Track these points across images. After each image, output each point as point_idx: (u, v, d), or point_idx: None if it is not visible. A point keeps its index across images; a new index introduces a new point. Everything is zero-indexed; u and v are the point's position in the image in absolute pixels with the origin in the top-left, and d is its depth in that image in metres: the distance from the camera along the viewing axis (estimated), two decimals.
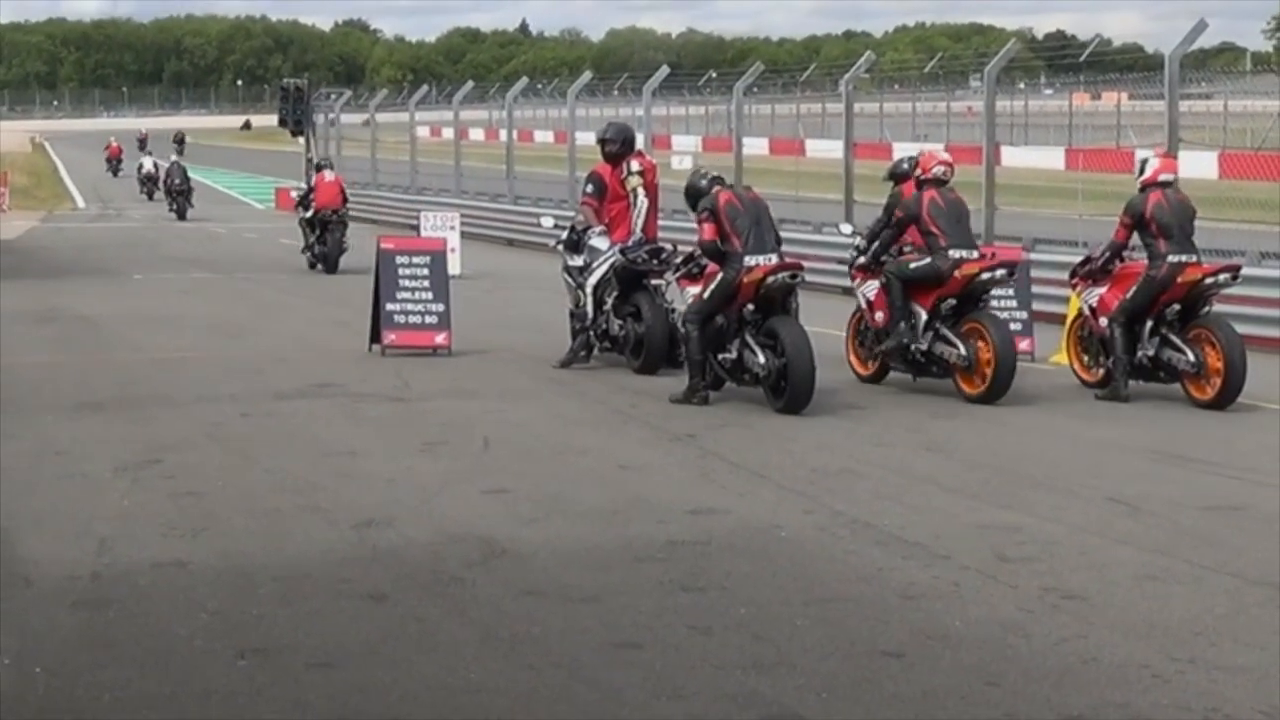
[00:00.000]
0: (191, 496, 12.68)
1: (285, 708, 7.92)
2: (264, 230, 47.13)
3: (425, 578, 10.30)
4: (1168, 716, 7.79)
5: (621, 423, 16.23)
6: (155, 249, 41.98)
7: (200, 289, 31.01)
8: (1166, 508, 12.37)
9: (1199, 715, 7.78)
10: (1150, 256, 17.36)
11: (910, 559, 10.78)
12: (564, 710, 7.89)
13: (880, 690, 8.15)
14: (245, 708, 7.93)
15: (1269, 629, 9.21)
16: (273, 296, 29.70)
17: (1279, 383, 17.77)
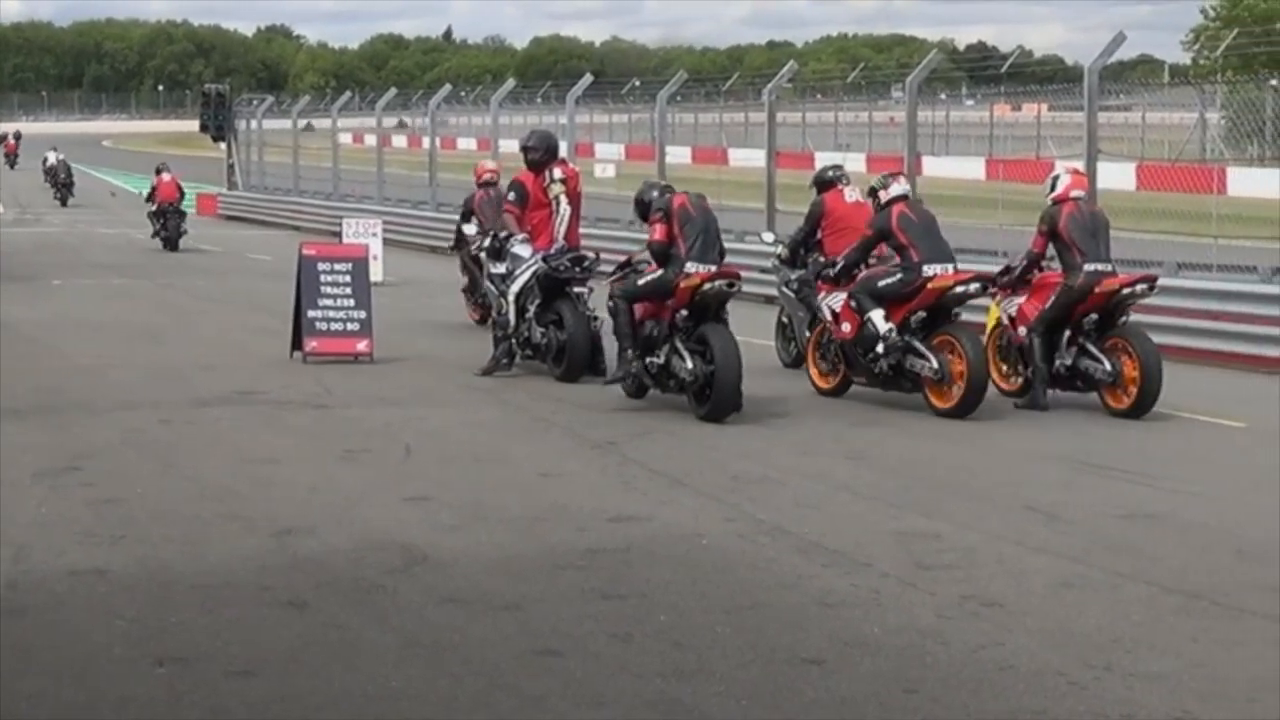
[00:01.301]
0: (110, 504, 12.62)
1: (204, 716, 7.89)
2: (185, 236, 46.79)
3: (346, 585, 10.28)
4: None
5: (543, 430, 16.24)
6: (75, 254, 41.71)
7: (121, 295, 30.83)
8: (1083, 516, 12.45)
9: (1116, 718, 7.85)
10: (1066, 267, 17.47)
11: (830, 566, 10.83)
12: (484, 717, 7.90)
13: (799, 697, 8.18)
14: (164, 716, 7.90)
15: (1184, 636, 9.29)
16: (194, 303, 29.55)
17: (1194, 392, 17.91)
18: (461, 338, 21.80)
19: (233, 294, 31.05)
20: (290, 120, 59.86)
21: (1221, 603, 10.00)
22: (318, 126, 59.71)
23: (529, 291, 19.46)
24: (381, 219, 37.08)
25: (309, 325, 20.94)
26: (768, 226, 27.41)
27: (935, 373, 17.07)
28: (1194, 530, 12.04)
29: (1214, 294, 21.98)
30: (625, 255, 18.89)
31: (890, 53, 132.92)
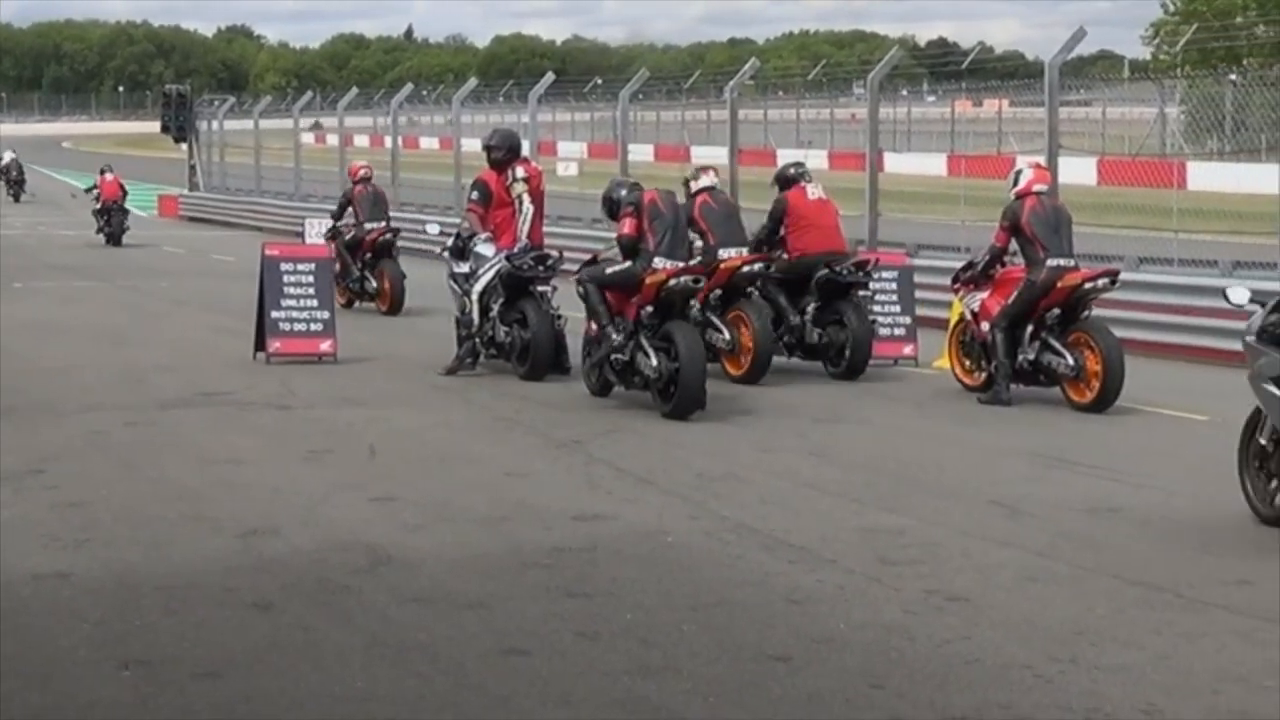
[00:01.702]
0: (74, 507, 12.56)
1: (171, 718, 7.88)
2: (147, 237, 46.69)
3: (311, 586, 10.27)
4: (1050, 716, 7.86)
5: (507, 429, 16.23)
6: (36, 256, 41.57)
7: (83, 297, 30.75)
8: (1047, 510, 12.48)
9: (1080, 715, 7.86)
10: (1029, 262, 17.51)
11: (795, 563, 10.84)
12: (451, 717, 7.90)
13: (766, 694, 8.19)
14: (129, 718, 7.89)
15: (1148, 629, 9.32)
16: (156, 304, 29.47)
17: (1157, 386, 17.97)
18: (425, 337, 21.78)
19: (195, 295, 30.96)
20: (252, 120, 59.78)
21: (1186, 595, 10.04)
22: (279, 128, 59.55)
23: (493, 290, 19.43)
24: None
25: (272, 326, 20.91)
26: None
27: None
28: (1157, 523, 12.07)
29: (1175, 288, 22.05)
30: (590, 254, 18.89)
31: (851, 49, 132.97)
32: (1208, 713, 7.91)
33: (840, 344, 19.23)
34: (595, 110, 62.02)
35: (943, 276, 20.13)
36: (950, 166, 58.36)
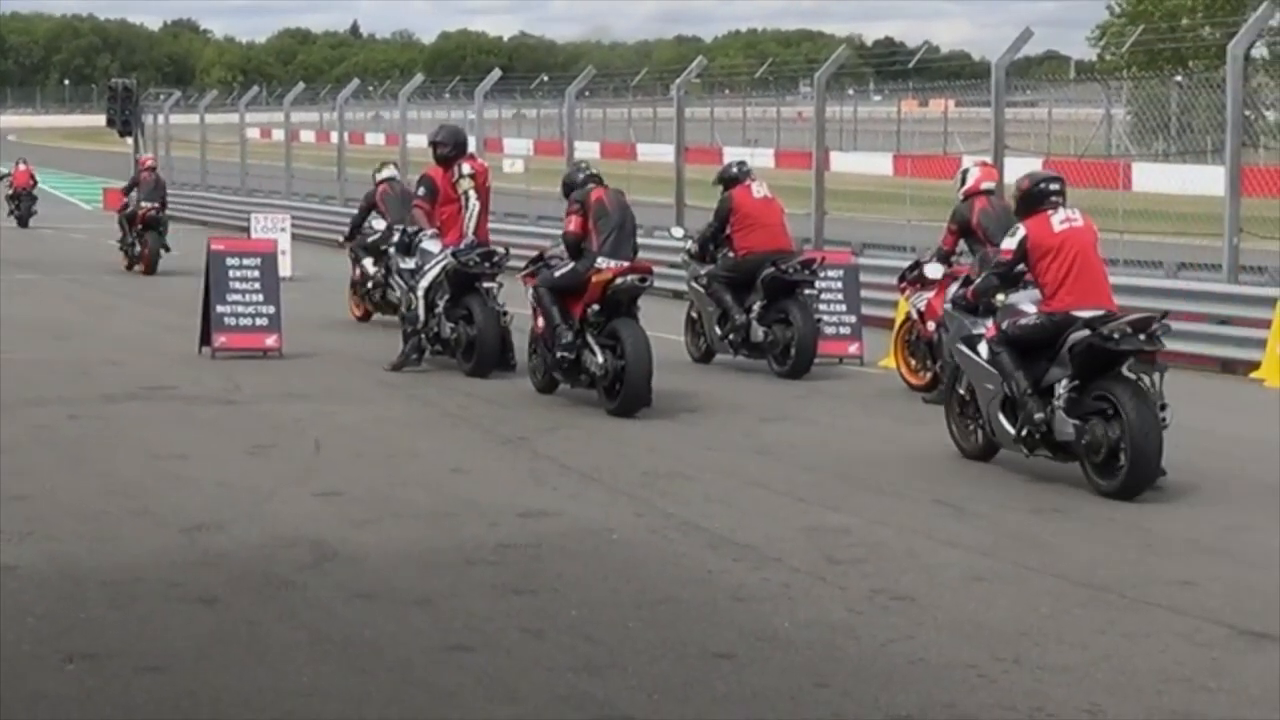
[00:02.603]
0: (18, 500, 12.51)
1: (114, 712, 7.86)
2: (91, 230, 46.56)
3: (256, 581, 10.25)
4: (993, 716, 7.89)
5: (452, 425, 16.23)
6: None
7: (26, 290, 30.55)
8: (992, 510, 12.54)
9: (1024, 714, 7.89)
10: (978, 265, 17.52)
11: (741, 561, 10.86)
12: (396, 713, 7.89)
13: (711, 691, 8.20)
14: (74, 712, 7.86)
15: (1090, 629, 9.37)
16: (101, 298, 29.40)
17: None
18: (371, 333, 21.77)
19: (140, 289, 30.89)
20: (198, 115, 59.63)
21: (1128, 595, 10.09)
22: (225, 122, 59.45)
23: (438, 287, 19.42)
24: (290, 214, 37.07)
25: (217, 320, 20.87)
26: (677, 221, 27.48)
27: None
28: (1100, 524, 12.12)
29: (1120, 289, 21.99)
30: (536, 250, 18.91)
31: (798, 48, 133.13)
32: (1150, 712, 7.95)
33: (786, 342, 19.26)
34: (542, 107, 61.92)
35: (888, 276, 20.21)
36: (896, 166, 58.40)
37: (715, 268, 19.79)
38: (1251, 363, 19.88)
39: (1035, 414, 13.49)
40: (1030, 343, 13.95)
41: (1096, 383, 13.38)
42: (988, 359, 14.21)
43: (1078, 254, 14.07)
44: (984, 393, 14.31)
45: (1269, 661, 8.80)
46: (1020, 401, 13.66)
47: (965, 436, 14.83)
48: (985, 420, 14.35)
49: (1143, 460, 12.84)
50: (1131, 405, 12.99)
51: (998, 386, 14.02)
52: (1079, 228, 14.37)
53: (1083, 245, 14.26)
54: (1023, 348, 13.97)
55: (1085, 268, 14.11)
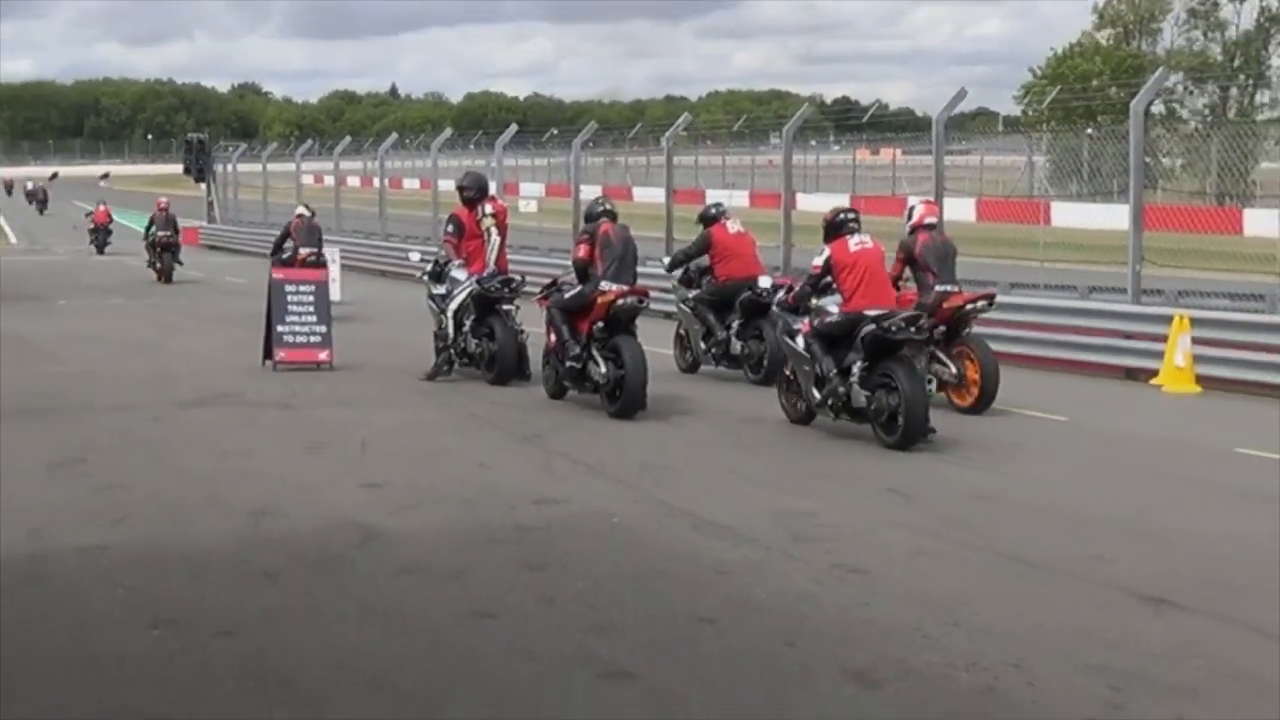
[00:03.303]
0: (110, 490, 12.55)
1: (193, 670, 7.87)
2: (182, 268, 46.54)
3: (312, 558, 10.26)
4: (935, 670, 7.90)
5: (477, 426, 16.21)
6: (76, 278, 41.34)
7: (115, 312, 30.60)
8: (934, 496, 12.53)
9: (961, 668, 7.90)
10: (920, 288, 17.58)
11: (721, 540, 10.85)
12: (431, 671, 7.89)
13: (697, 650, 8.21)
14: (158, 671, 7.87)
15: (1017, 596, 9.39)
16: (179, 319, 29.33)
17: (1026, 392, 18.03)
18: (408, 348, 21.71)
19: (212, 312, 30.86)
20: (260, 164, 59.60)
21: (1050, 568, 10.09)
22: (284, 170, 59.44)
23: (465, 309, 19.46)
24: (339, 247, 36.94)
25: (278, 338, 20.89)
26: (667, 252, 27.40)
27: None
28: (1026, 508, 12.12)
29: (1042, 309, 22.14)
30: (550, 278, 18.90)
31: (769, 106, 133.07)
32: (1068, 665, 7.96)
33: (759, 355, 19.30)
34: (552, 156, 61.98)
35: None
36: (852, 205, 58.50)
37: (700, 292, 19.86)
38: (1151, 370, 19.89)
39: (839, 388, 15.25)
40: (834, 335, 15.53)
41: (881, 364, 15.08)
42: (804, 347, 15.79)
43: (868, 268, 15.68)
44: (803, 373, 15.82)
45: (1168, 623, 8.83)
46: (827, 379, 15.36)
47: (792, 407, 16.27)
48: (804, 394, 15.83)
49: (914, 420, 14.70)
50: (906, 380, 14.84)
51: (811, 368, 15.63)
52: (870, 249, 15.97)
53: (872, 262, 15.86)
54: (828, 339, 15.55)
55: (874, 279, 15.72)
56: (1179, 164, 63.57)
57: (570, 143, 36.55)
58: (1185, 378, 19.50)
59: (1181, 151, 65.34)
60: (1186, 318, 19.98)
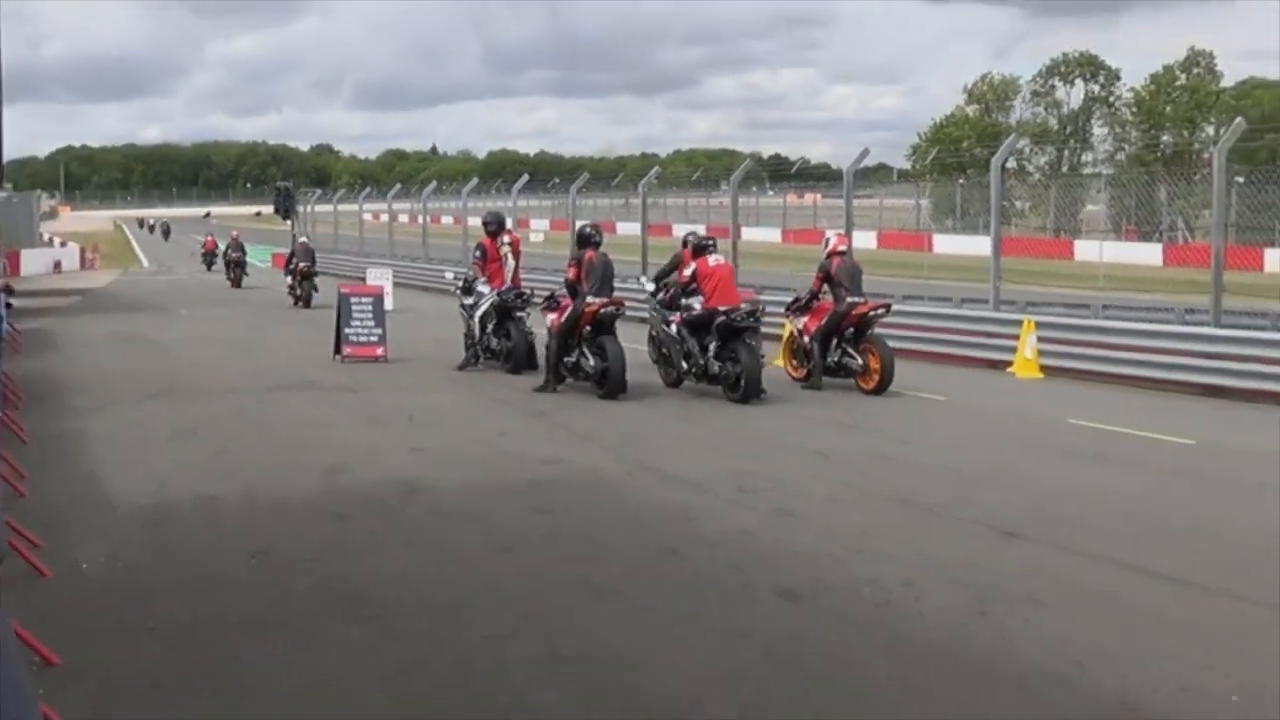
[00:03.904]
0: (220, 453, 12.53)
1: (282, 590, 7.86)
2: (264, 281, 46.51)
3: (372, 505, 10.25)
4: (845, 587, 7.91)
5: (497, 405, 16.20)
6: (193, 294, 41.31)
7: (223, 320, 30.56)
8: (846, 456, 12.55)
9: (864, 583, 7.92)
10: (835, 299, 17.63)
11: (684, 490, 10.86)
12: (463, 590, 7.89)
13: (665, 574, 8.22)
14: (256, 590, 7.87)
15: (909, 531, 9.40)
16: (269, 324, 29.30)
17: (915, 378, 18.09)
18: (444, 346, 21.69)
19: (294, 319, 30.82)
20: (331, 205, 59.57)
21: (935, 511, 10.11)
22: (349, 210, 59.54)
23: (488, 316, 19.53)
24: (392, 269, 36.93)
25: (345, 338, 20.96)
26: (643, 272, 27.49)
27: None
28: (914, 465, 12.15)
29: (926, 315, 22.21)
30: (549, 292, 18.88)
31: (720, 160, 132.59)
32: (950, 584, 7.97)
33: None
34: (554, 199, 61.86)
35: (779, 307, 20.18)
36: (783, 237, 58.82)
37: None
38: (1007, 361, 19.99)
39: (699, 360, 16.93)
40: (697, 323, 16.94)
41: (729, 344, 16.66)
42: (675, 333, 17.36)
43: (721, 278, 17.18)
44: (675, 351, 17.34)
45: (1019, 550, 8.85)
46: (690, 354, 17.08)
47: (666, 375, 17.67)
48: (674, 366, 17.37)
49: (750, 383, 16.32)
50: (745, 355, 16.45)
51: (681, 347, 17.26)
52: (723, 264, 17.62)
53: (725, 273, 17.40)
54: (693, 326, 16.97)
55: (725, 285, 17.17)
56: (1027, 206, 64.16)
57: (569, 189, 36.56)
58: (1032, 367, 19.60)
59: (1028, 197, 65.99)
60: (1033, 321, 20.13)
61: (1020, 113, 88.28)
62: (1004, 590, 7.86)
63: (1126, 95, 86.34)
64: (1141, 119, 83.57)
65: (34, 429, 13.75)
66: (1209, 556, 8.70)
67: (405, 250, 48.72)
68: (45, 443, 13.06)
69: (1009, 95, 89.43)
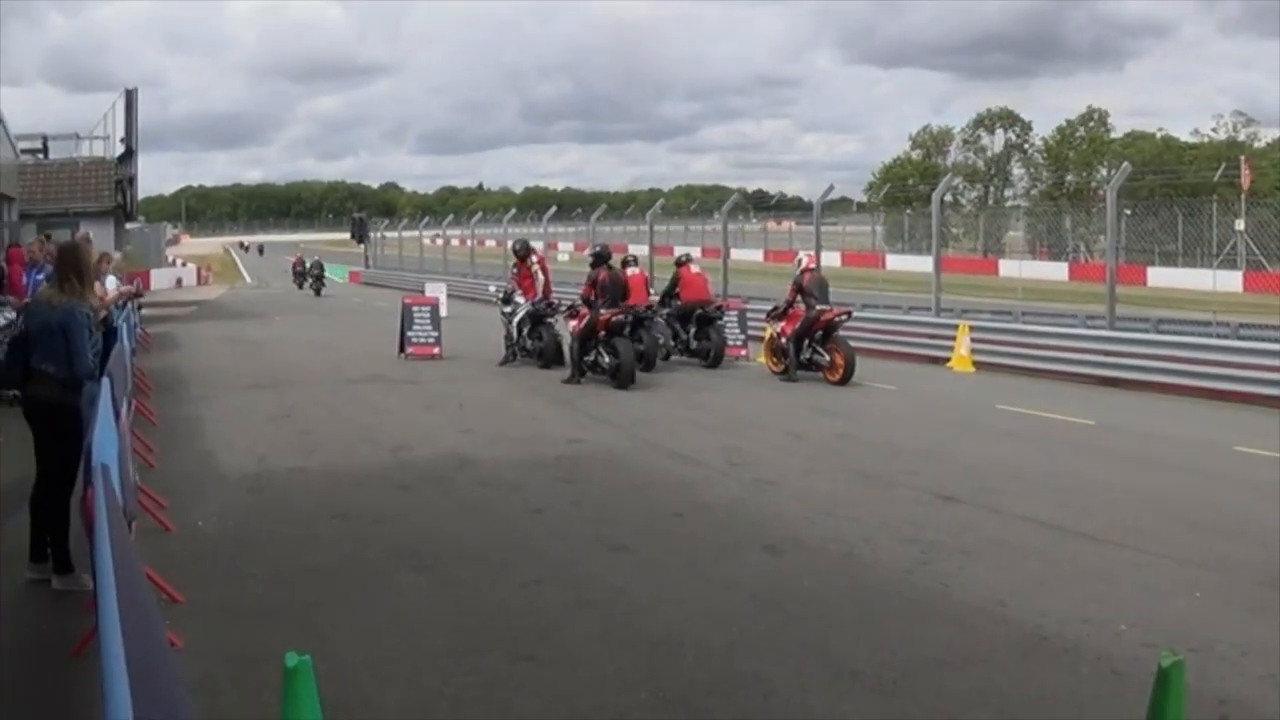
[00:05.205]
0: (305, 434, 12.53)
1: (356, 544, 7.87)
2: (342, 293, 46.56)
3: (429, 476, 10.24)
4: (816, 543, 7.91)
5: (532, 394, 16.20)
6: (286, 303, 41.29)
7: (309, 324, 30.54)
8: (816, 435, 12.54)
9: (832, 542, 7.91)
10: (806, 307, 17.59)
11: (684, 464, 10.86)
12: (503, 545, 7.89)
13: (670, 534, 8.21)
14: (337, 544, 7.88)
15: (866, 496, 9.38)
16: (346, 328, 29.29)
17: (873, 372, 18.05)
18: (488, 345, 21.67)
19: (366, 323, 30.79)
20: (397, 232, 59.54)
21: (885, 480, 10.10)
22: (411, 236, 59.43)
23: (524, 321, 19.51)
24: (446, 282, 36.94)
25: (407, 340, 20.95)
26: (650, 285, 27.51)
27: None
28: (872, 444, 12.13)
29: (881, 320, 22.16)
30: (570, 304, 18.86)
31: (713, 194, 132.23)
32: (896, 539, 7.98)
33: (708, 350, 19.39)
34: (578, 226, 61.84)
35: (761, 313, 20.17)
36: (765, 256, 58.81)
37: (670, 310, 19.86)
38: (946, 358, 19.96)
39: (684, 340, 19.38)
40: (681, 314, 18.83)
41: (703, 328, 18.97)
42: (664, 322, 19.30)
43: (693, 281, 19.30)
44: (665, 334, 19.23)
45: (955, 511, 8.84)
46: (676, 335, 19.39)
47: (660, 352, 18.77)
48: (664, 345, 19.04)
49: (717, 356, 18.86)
50: (715, 336, 18.86)
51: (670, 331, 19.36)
52: (698, 272, 19.55)
53: (700, 280, 19.50)
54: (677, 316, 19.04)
55: (698, 286, 19.27)
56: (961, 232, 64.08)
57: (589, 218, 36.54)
58: (966, 362, 19.56)
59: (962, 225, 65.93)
60: (967, 325, 20.09)
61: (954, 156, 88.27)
62: (943, 545, 7.86)
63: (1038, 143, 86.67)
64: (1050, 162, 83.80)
65: (161, 413, 13.78)
66: (1105, 515, 8.70)
67: (456, 268, 48.69)
68: (170, 424, 13.09)
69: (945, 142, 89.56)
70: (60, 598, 6.57)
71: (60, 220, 28.61)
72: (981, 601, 6.61)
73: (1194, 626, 6.18)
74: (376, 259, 63.39)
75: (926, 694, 5.28)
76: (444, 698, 5.21)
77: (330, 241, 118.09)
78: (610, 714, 5.07)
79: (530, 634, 6.07)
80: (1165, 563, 7.46)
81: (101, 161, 33.05)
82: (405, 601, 6.62)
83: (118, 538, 3.77)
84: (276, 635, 5.92)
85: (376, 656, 5.71)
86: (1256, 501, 8.89)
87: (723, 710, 5.11)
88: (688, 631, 6.11)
